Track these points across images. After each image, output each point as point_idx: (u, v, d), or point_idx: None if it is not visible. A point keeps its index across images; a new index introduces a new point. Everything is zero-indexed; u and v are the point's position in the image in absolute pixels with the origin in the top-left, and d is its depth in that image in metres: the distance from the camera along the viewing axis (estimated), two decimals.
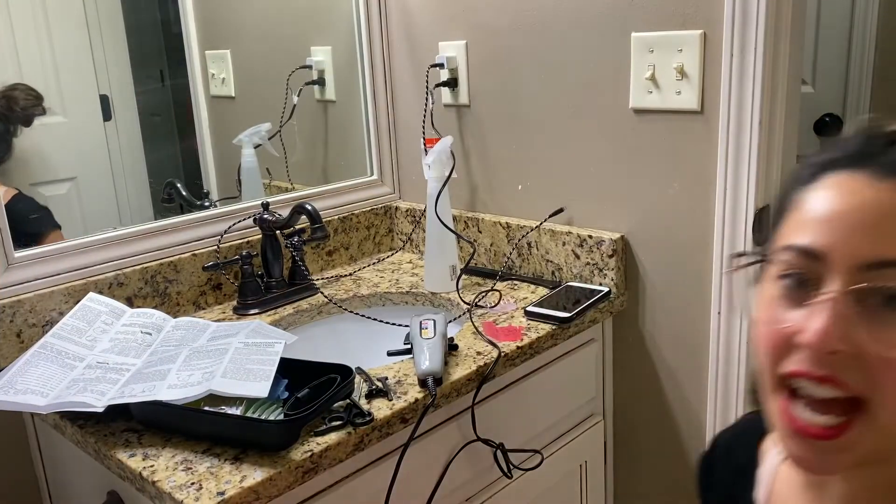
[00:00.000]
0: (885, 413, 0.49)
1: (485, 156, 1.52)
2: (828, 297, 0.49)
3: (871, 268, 0.49)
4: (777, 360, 0.53)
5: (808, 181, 0.55)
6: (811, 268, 0.51)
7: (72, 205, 1.26)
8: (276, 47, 1.55)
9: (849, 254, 0.50)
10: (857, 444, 0.51)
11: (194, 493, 0.82)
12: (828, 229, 0.51)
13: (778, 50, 1.12)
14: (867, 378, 0.49)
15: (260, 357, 1.01)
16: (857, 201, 0.51)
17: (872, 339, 0.48)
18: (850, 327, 0.49)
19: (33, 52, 1.19)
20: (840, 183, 0.52)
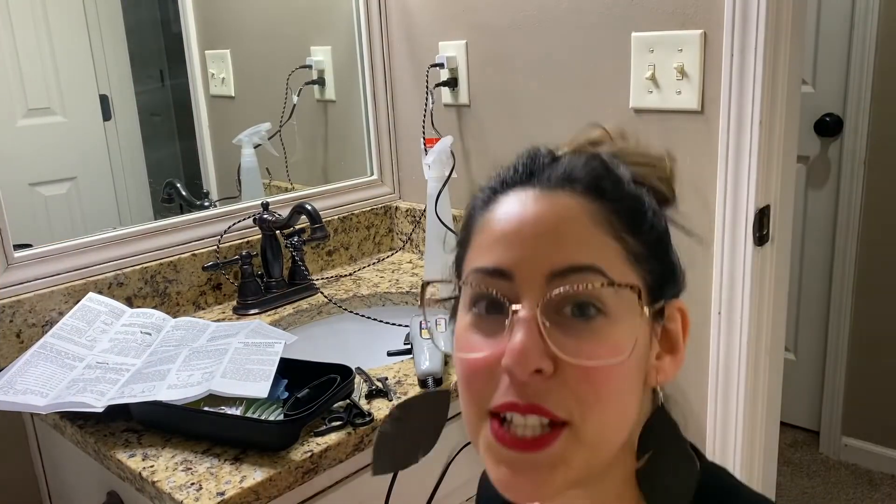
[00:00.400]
0: (589, 427, 0.48)
1: (485, 156, 1.52)
2: (523, 315, 0.48)
3: (556, 276, 0.48)
4: (482, 394, 0.50)
5: (485, 205, 0.55)
6: (501, 288, 0.50)
7: (71, 205, 1.26)
8: (276, 47, 1.55)
9: (534, 267, 0.49)
10: (567, 459, 0.48)
11: (194, 494, 0.82)
12: (509, 246, 0.50)
13: (778, 50, 1.12)
14: (568, 396, 0.47)
15: (260, 357, 1.01)
16: (531, 215, 0.50)
17: (570, 350, 0.47)
18: (547, 342, 0.47)
19: (33, 52, 1.19)
20: (514, 201, 0.52)
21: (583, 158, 0.54)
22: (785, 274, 1.28)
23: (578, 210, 0.50)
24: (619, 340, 0.49)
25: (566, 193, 0.51)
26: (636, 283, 0.50)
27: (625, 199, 0.52)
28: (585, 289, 0.48)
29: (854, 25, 2.17)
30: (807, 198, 2.39)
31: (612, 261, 0.50)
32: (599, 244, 0.50)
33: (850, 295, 2.33)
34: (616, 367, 0.48)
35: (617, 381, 0.49)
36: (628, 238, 0.51)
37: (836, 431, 2.45)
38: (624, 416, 0.51)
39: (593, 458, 0.49)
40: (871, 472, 2.38)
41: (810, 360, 2.49)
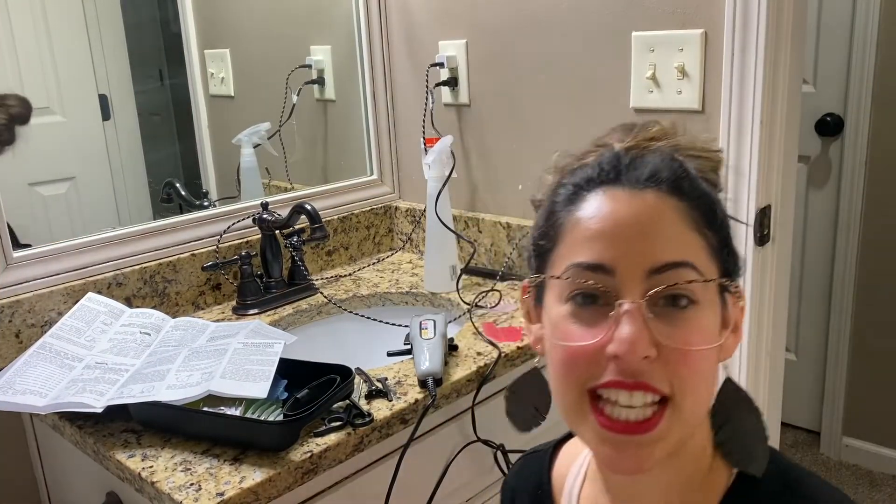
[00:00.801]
0: (687, 402, 0.54)
1: (485, 155, 1.52)
2: (628, 308, 0.53)
3: (654, 272, 0.53)
4: (584, 376, 0.55)
5: (571, 202, 0.59)
6: (602, 282, 0.54)
7: (71, 204, 1.26)
8: (276, 46, 1.54)
9: (634, 263, 0.54)
10: (667, 435, 0.54)
11: (193, 494, 0.82)
12: (610, 243, 0.55)
13: (779, 49, 1.12)
14: (668, 375, 0.53)
15: (259, 357, 1.01)
16: (628, 214, 0.55)
17: (670, 337, 0.53)
18: (651, 332, 0.53)
19: (32, 52, 1.18)
20: (605, 199, 0.56)
21: (664, 159, 0.58)
22: (785, 274, 1.27)
23: (667, 208, 0.55)
24: (708, 326, 0.55)
25: (653, 192, 0.56)
26: (720, 277, 0.56)
27: (701, 196, 0.57)
28: (683, 285, 0.53)
29: (855, 25, 2.17)
30: (807, 198, 2.38)
31: (699, 255, 0.55)
32: (688, 240, 0.55)
33: (850, 295, 2.32)
34: (708, 349, 0.54)
35: (708, 362, 0.55)
36: (708, 232, 0.56)
37: (837, 432, 2.44)
38: (711, 390, 0.57)
39: (687, 431, 0.56)
40: (871, 472, 2.38)
41: (811, 360, 2.49)
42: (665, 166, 0.57)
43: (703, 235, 0.56)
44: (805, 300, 2.46)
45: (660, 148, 0.59)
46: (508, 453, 1.14)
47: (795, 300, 2.45)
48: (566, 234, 0.58)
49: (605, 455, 0.56)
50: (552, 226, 0.60)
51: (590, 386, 0.55)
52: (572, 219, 0.57)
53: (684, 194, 0.56)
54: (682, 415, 0.54)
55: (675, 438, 0.55)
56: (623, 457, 0.55)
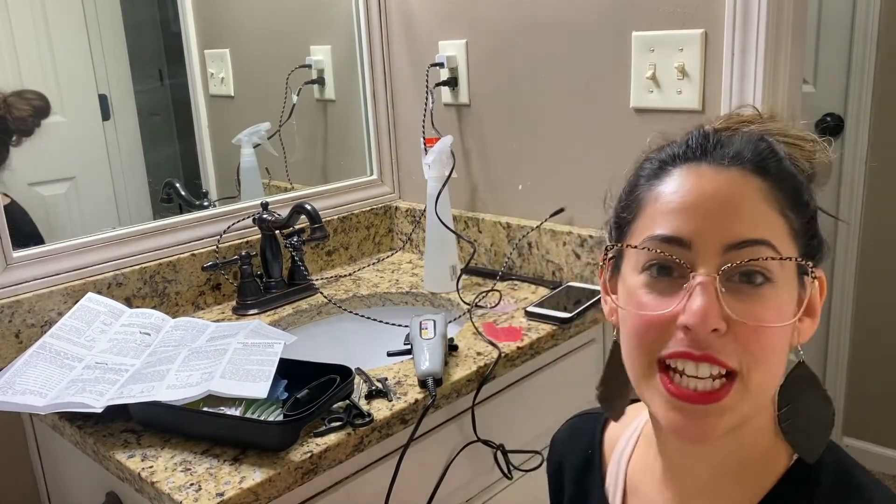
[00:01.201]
0: (754, 378, 0.54)
1: (485, 155, 1.52)
2: (702, 280, 0.53)
3: (731, 248, 0.54)
4: (654, 345, 0.56)
5: (655, 176, 0.60)
6: (677, 254, 0.55)
7: (70, 205, 1.26)
8: (276, 46, 1.54)
9: (711, 238, 0.54)
10: (734, 407, 0.55)
11: (193, 494, 0.82)
12: (689, 217, 0.55)
13: (779, 49, 1.12)
14: (738, 350, 0.54)
15: (259, 357, 1.01)
16: (709, 190, 0.55)
17: (742, 313, 0.53)
18: (723, 305, 0.53)
19: (32, 52, 1.18)
20: (688, 175, 0.57)
21: (751, 139, 0.58)
22: None
23: (749, 187, 0.55)
24: (782, 305, 0.55)
25: (737, 171, 0.56)
26: (798, 257, 0.56)
27: (787, 178, 0.57)
28: (759, 262, 0.53)
29: (855, 25, 2.17)
30: None
31: (779, 235, 0.55)
32: (768, 219, 0.55)
33: (851, 295, 2.32)
34: (780, 327, 0.55)
35: (780, 340, 0.56)
36: (790, 214, 0.56)
37: (837, 432, 2.44)
38: (780, 369, 0.57)
39: (754, 406, 0.56)
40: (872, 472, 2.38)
41: (811, 360, 2.46)
42: (751, 146, 0.57)
43: (786, 217, 0.56)
44: None
45: (751, 130, 0.60)
46: (508, 453, 1.14)
47: None
48: (647, 207, 0.59)
49: (673, 421, 0.56)
50: (634, 199, 0.61)
51: (659, 355, 0.56)
52: (654, 192, 0.58)
53: (769, 174, 0.56)
54: (750, 390, 0.54)
55: (742, 412, 0.55)
56: (689, 423, 0.55)
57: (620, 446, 0.71)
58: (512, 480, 1.17)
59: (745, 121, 0.62)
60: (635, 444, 0.70)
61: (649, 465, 0.67)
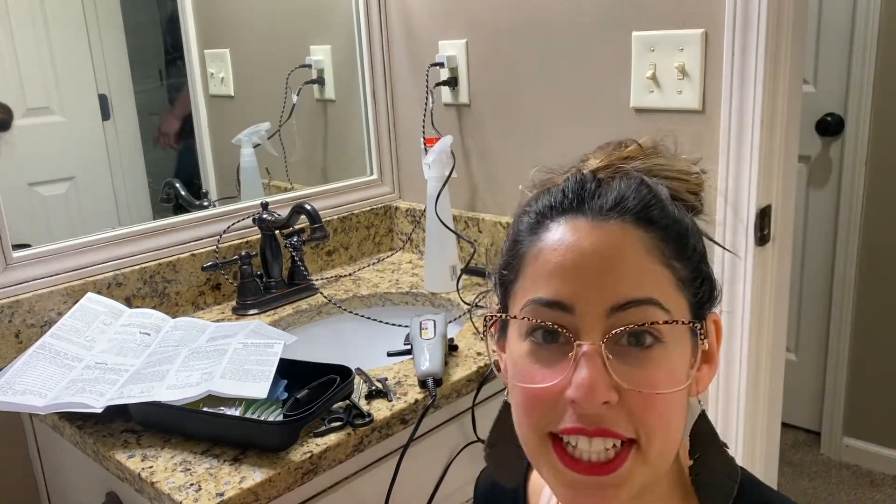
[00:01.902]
0: (654, 447, 0.51)
1: (485, 155, 1.52)
2: (586, 350, 0.50)
3: (616, 310, 0.50)
4: (543, 420, 0.53)
5: (533, 231, 0.56)
6: (560, 320, 0.52)
7: (70, 205, 1.26)
8: (276, 46, 1.54)
9: (594, 300, 0.51)
10: (632, 475, 0.52)
11: (193, 495, 0.82)
12: (567, 279, 0.52)
13: (779, 49, 1.12)
14: (632, 420, 0.51)
15: (259, 358, 1.01)
16: (587, 248, 0.52)
17: (633, 380, 0.50)
18: (612, 375, 0.50)
19: (32, 52, 1.18)
20: (566, 230, 0.53)
21: (631, 185, 0.55)
22: (786, 274, 1.27)
23: (631, 240, 0.52)
24: (675, 367, 0.52)
25: (617, 223, 0.52)
26: (685, 317, 0.53)
27: (671, 225, 0.54)
28: (648, 325, 0.50)
29: (855, 24, 2.17)
30: (808, 197, 2.38)
31: (665, 289, 0.52)
32: (653, 274, 0.52)
33: (851, 295, 2.32)
34: (673, 393, 0.51)
35: (676, 403, 0.53)
36: (676, 264, 0.53)
37: (838, 432, 2.44)
38: (679, 432, 0.54)
39: (654, 474, 0.53)
40: (872, 472, 2.38)
41: (811, 360, 2.49)
42: (632, 193, 0.54)
43: (671, 268, 0.53)
44: (805, 300, 2.45)
45: (630, 171, 0.56)
46: None
47: (795, 300, 2.45)
48: (528, 266, 0.55)
49: (567, 498, 0.53)
50: (514, 256, 0.57)
51: (550, 430, 0.53)
52: (534, 249, 0.55)
53: (652, 224, 0.53)
54: (649, 459, 0.52)
55: (640, 481, 0.52)
56: (585, 498, 0.52)
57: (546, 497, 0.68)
58: None
59: (627, 156, 0.58)
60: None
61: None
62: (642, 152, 0.58)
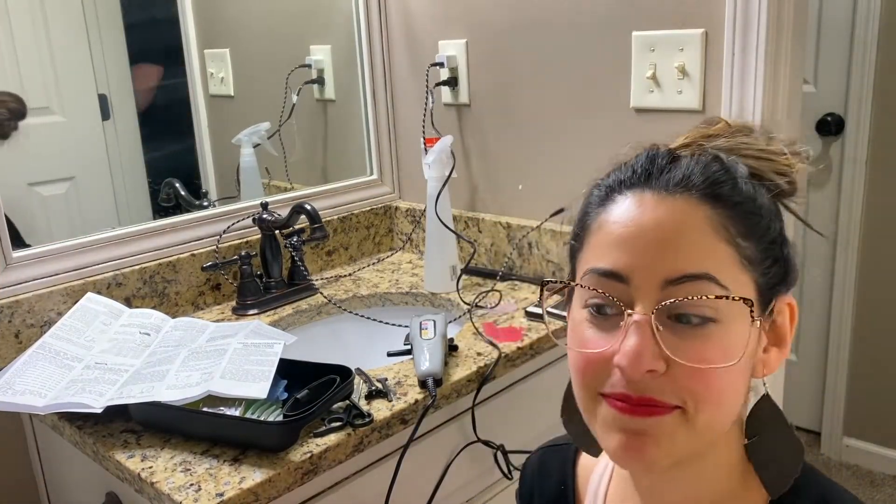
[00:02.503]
0: (701, 417, 0.52)
1: (485, 155, 1.52)
2: (637, 319, 0.51)
3: (670, 283, 0.51)
4: (594, 382, 0.55)
5: (602, 203, 0.57)
6: (615, 290, 0.53)
7: (70, 205, 1.26)
8: (276, 46, 1.54)
9: (650, 273, 0.52)
10: (672, 435, 0.52)
11: (193, 495, 0.82)
12: (626, 251, 0.53)
13: (779, 49, 1.12)
14: (679, 390, 0.51)
15: (259, 358, 1.01)
16: (649, 221, 0.53)
17: (681, 353, 0.51)
18: (660, 345, 0.51)
19: (32, 52, 1.18)
20: (631, 204, 0.54)
21: (702, 161, 0.55)
22: None
23: (694, 216, 0.52)
24: (729, 344, 0.52)
25: (683, 198, 0.53)
26: (748, 295, 0.52)
27: (741, 203, 0.54)
28: (699, 300, 0.51)
29: (855, 24, 2.17)
30: (808, 198, 2.38)
31: (726, 267, 0.52)
32: (713, 250, 0.52)
33: (851, 295, 2.32)
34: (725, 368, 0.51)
35: (727, 381, 0.52)
36: (742, 242, 0.53)
37: (838, 432, 2.44)
38: (733, 408, 0.55)
39: (698, 442, 0.53)
40: (872, 472, 2.38)
41: (811, 360, 2.49)
42: (701, 170, 0.54)
43: (736, 245, 0.53)
44: (805, 300, 2.45)
45: (708, 149, 0.57)
46: (508, 453, 1.14)
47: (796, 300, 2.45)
48: (591, 237, 0.57)
49: (613, 444, 0.54)
50: (582, 227, 0.59)
51: (601, 391, 0.54)
52: (598, 221, 0.56)
53: (719, 201, 0.53)
54: (696, 426, 0.52)
55: (682, 446, 0.53)
56: (628, 447, 0.53)
57: (595, 480, 0.69)
58: (512, 481, 1.17)
59: (711, 134, 0.58)
60: (610, 479, 0.68)
61: (626, 493, 0.65)
62: (728, 130, 0.59)
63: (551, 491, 0.73)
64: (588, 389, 0.55)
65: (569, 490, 0.71)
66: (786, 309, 0.57)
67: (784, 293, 0.57)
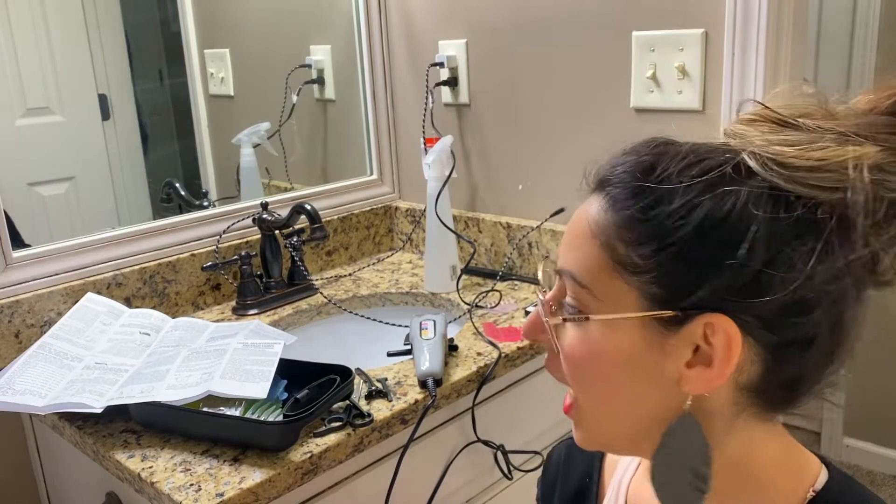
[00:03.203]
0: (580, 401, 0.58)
1: (485, 155, 1.52)
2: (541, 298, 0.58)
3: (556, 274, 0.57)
4: None
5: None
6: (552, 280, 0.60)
7: (70, 205, 1.26)
8: (276, 46, 1.54)
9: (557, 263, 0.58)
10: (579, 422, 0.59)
11: (193, 495, 0.82)
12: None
13: (779, 49, 1.12)
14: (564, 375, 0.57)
15: (259, 358, 1.01)
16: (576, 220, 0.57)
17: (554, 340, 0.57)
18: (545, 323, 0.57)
19: (32, 52, 1.18)
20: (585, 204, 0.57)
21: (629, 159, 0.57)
22: None
23: (588, 216, 0.55)
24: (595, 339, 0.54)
25: (595, 197, 0.56)
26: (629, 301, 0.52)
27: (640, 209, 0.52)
28: (562, 292, 0.56)
29: (855, 24, 2.17)
30: None
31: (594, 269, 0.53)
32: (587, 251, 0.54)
33: None
34: (591, 361, 0.54)
35: (592, 372, 0.55)
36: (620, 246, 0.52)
37: (838, 432, 2.44)
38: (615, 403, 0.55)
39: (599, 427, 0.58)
40: (872, 472, 2.38)
41: None
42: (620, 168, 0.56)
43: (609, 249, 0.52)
44: None
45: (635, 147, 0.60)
46: (508, 453, 1.14)
47: None
48: None
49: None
50: None
51: None
52: None
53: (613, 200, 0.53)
54: (582, 410, 0.58)
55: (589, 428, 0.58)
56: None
57: (620, 471, 0.69)
58: (512, 481, 1.17)
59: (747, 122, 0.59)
60: (636, 470, 0.68)
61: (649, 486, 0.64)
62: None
63: (576, 483, 0.73)
64: None
65: (593, 483, 0.71)
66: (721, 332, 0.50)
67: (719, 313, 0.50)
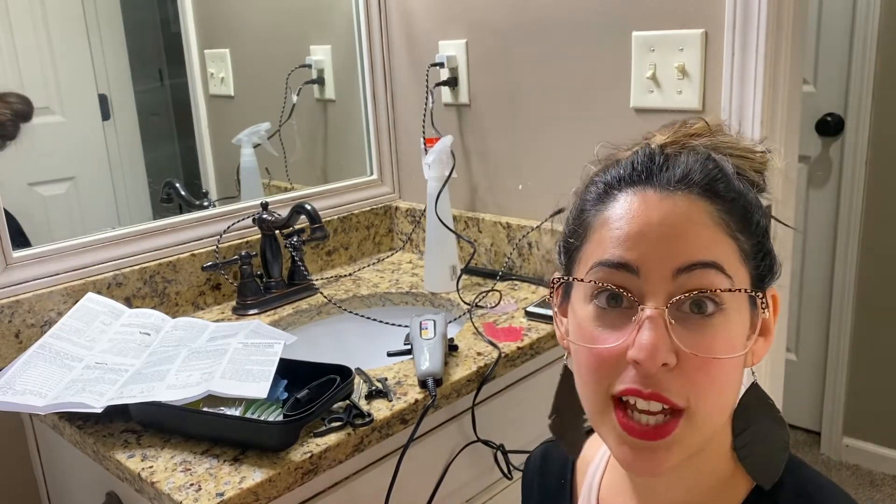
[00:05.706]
0: (701, 411, 0.53)
1: (485, 155, 1.52)
2: (650, 314, 0.52)
3: (681, 272, 0.52)
4: (607, 380, 0.55)
5: (601, 200, 0.58)
6: (625, 282, 0.54)
7: (70, 205, 1.26)
8: (276, 46, 1.54)
9: (660, 263, 0.53)
10: (682, 440, 0.54)
11: (193, 495, 0.82)
12: (636, 244, 0.54)
13: (779, 49, 1.12)
14: (685, 385, 0.53)
15: (259, 358, 1.01)
16: (655, 217, 0.54)
17: (692, 345, 0.52)
18: (672, 338, 0.52)
19: (32, 52, 1.18)
20: (633, 200, 0.55)
21: (698, 159, 0.57)
22: (786, 274, 1.27)
23: (697, 212, 0.54)
24: (732, 334, 0.54)
25: (684, 195, 0.55)
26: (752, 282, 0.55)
27: (737, 199, 0.56)
28: (710, 292, 0.52)
29: (855, 24, 2.17)
30: (808, 197, 2.38)
31: (729, 258, 0.54)
32: (718, 242, 0.54)
33: (851, 295, 2.32)
34: (731, 358, 0.53)
35: (730, 371, 0.54)
36: (740, 236, 0.55)
37: (838, 432, 2.44)
38: (731, 397, 0.56)
39: (700, 438, 0.55)
40: (872, 472, 2.38)
41: (811, 360, 2.49)
42: (699, 167, 0.56)
43: (735, 239, 0.55)
44: (805, 300, 2.45)
45: (697, 146, 0.58)
46: (508, 453, 1.14)
47: (796, 300, 2.45)
48: (594, 234, 0.57)
49: (623, 455, 0.56)
50: (581, 224, 0.59)
51: (611, 392, 0.55)
52: (601, 218, 0.57)
53: (717, 197, 0.55)
54: (697, 424, 0.54)
55: (691, 444, 0.55)
56: (639, 458, 0.55)
57: (591, 471, 0.70)
58: (512, 480, 1.17)
59: (694, 133, 0.60)
60: (606, 465, 0.69)
61: (619, 486, 0.66)
62: (709, 130, 0.61)
63: (551, 486, 0.74)
64: (599, 390, 0.56)
65: (567, 484, 0.72)
66: (770, 301, 0.59)
67: (770, 285, 0.59)
